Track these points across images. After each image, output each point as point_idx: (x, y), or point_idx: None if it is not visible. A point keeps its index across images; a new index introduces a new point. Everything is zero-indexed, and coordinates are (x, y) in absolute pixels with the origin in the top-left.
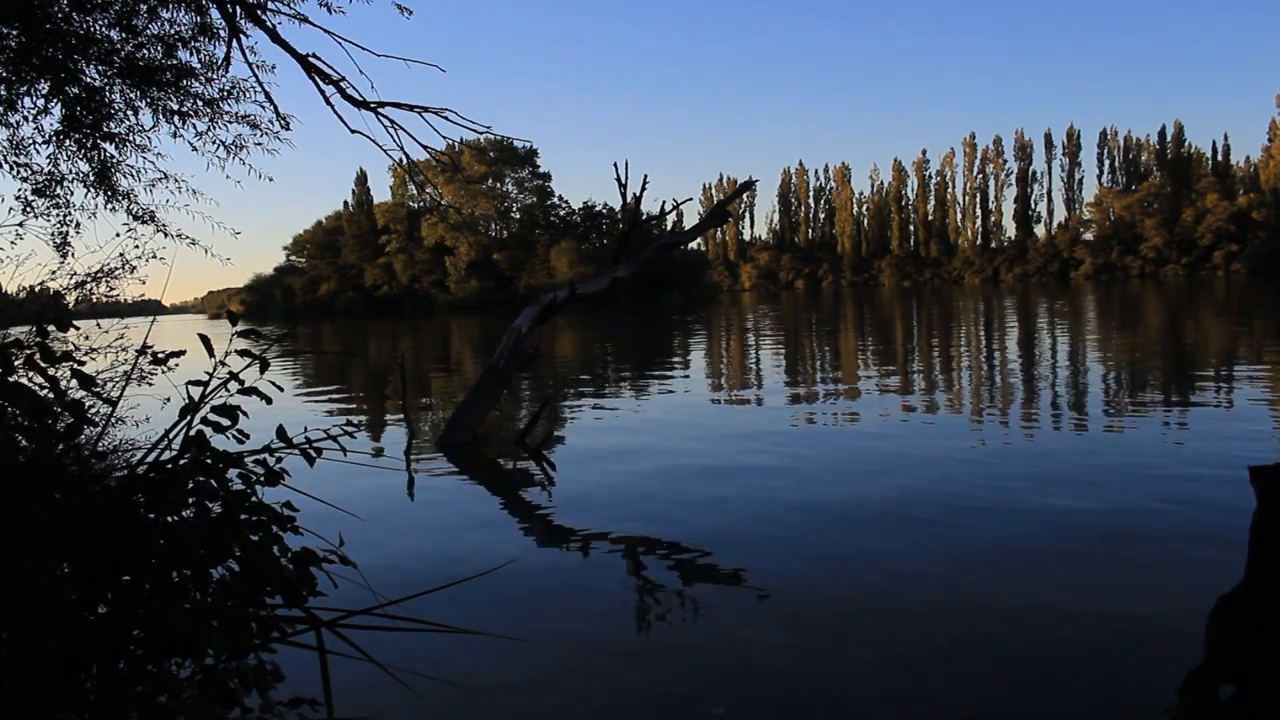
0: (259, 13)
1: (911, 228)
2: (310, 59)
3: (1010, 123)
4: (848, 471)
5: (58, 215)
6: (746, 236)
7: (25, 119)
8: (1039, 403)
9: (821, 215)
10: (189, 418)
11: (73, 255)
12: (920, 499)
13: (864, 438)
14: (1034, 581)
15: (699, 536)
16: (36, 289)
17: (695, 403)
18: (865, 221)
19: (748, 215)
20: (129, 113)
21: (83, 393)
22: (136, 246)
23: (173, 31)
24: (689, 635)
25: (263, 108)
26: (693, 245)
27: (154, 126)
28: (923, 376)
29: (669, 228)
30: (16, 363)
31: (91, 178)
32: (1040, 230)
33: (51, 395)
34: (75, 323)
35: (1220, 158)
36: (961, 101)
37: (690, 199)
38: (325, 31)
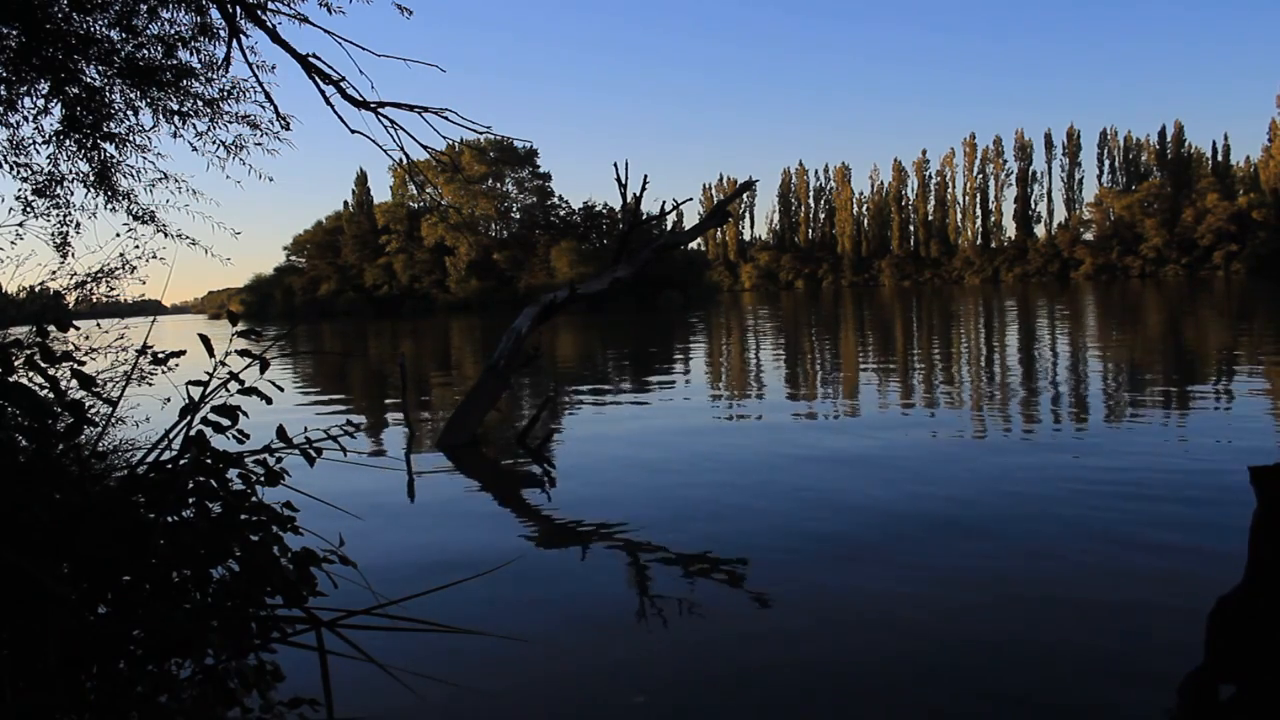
0: (259, 13)
1: (911, 228)
2: (310, 59)
3: (1010, 123)
4: (849, 473)
5: (58, 215)
6: (746, 236)
7: (25, 119)
8: (1039, 405)
9: (821, 215)
10: (189, 418)
11: (73, 255)
12: (922, 503)
13: (864, 440)
14: (1021, 582)
15: (698, 537)
16: (36, 289)
17: (695, 404)
18: (865, 221)
19: (748, 215)
20: (129, 113)
21: (83, 393)
22: (136, 246)
23: (173, 31)
24: (689, 635)
25: (263, 108)
26: (693, 245)
27: (154, 126)
28: (923, 380)
29: (669, 228)
30: (16, 363)
31: (91, 178)
32: (1040, 230)
33: (51, 395)
34: (75, 323)
35: (1220, 158)
36: (961, 101)
37: (690, 199)
38: (325, 31)
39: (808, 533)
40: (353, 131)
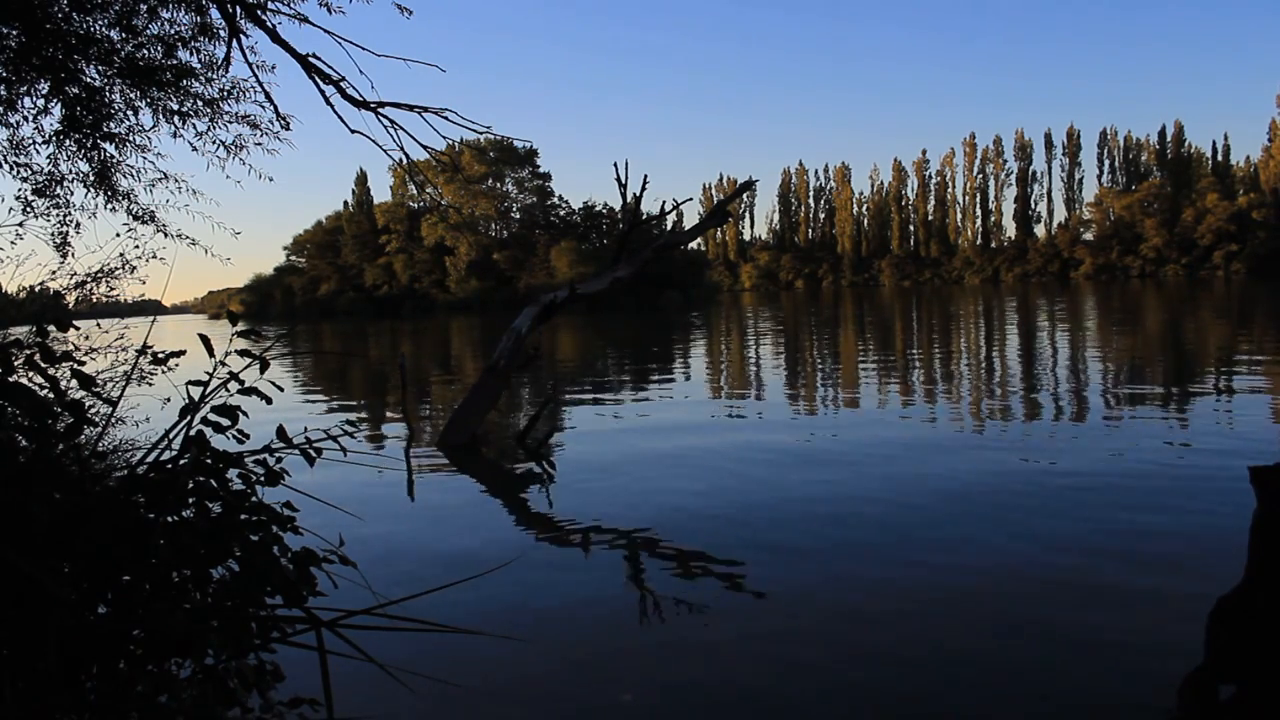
0: (259, 13)
1: (911, 228)
2: (310, 59)
3: (1010, 123)
4: (848, 474)
5: (58, 215)
6: (746, 236)
7: (25, 119)
8: (1041, 403)
9: (821, 215)
10: (189, 418)
11: (73, 255)
12: (919, 504)
13: (865, 440)
14: (1022, 582)
15: (698, 536)
16: (36, 289)
17: (695, 404)
18: (865, 221)
19: (748, 215)
20: (129, 113)
21: (83, 393)
22: (136, 246)
23: (173, 31)
24: (688, 635)
25: (263, 108)
26: (693, 245)
27: (154, 126)
28: (923, 379)
29: (669, 228)
30: (16, 363)
31: (91, 178)
32: (1040, 230)
33: (51, 395)
34: (75, 323)
35: (1220, 158)
36: (961, 101)
37: (690, 199)
38: (325, 31)
39: (806, 536)
40: (353, 131)
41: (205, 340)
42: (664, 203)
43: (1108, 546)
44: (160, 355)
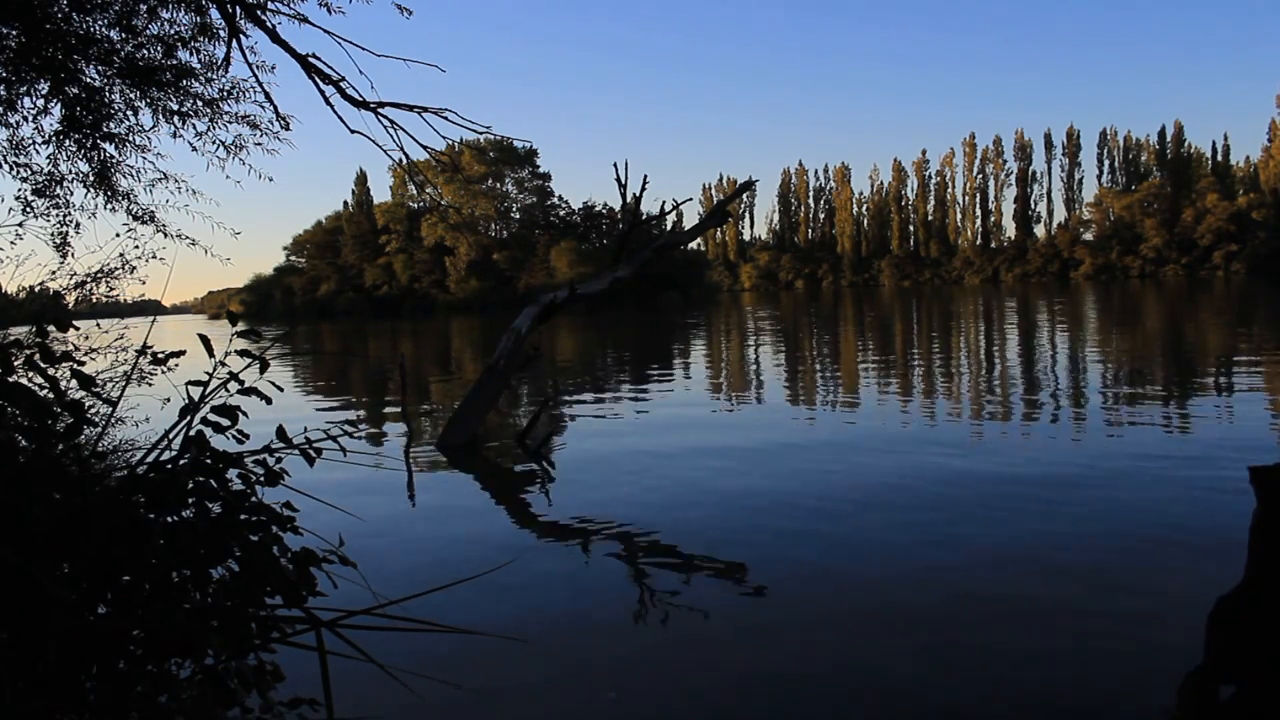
0: (259, 13)
1: (911, 228)
2: (310, 59)
3: (1010, 123)
4: (849, 474)
5: (58, 215)
6: (746, 236)
7: (25, 119)
8: (1041, 403)
9: (821, 215)
10: (189, 418)
11: (73, 255)
12: (920, 505)
13: (865, 440)
14: (1024, 583)
15: (698, 537)
16: (36, 289)
17: (695, 404)
18: (865, 221)
19: (748, 215)
20: (129, 113)
21: (83, 393)
22: (136, 246)
23: (173, 31)
24: (688, 636)
25: (263, 108)
26: (693, 245)
27: (154, 126)
28: (923, 381)
29: (669, 228)
30: (16, 363)
31: (91, 178)
32: (1040, 230)
33: (51, 395)
34: (75, 323)
35: (1220, 158)
36: (961, 101)
37: (690, 199)
38: (325, 31)
39: (806, 537)
40: (353, 131)
41: (205, 340)
42: (664, 203)
43: (1106, 547)
44: (160, 355)
